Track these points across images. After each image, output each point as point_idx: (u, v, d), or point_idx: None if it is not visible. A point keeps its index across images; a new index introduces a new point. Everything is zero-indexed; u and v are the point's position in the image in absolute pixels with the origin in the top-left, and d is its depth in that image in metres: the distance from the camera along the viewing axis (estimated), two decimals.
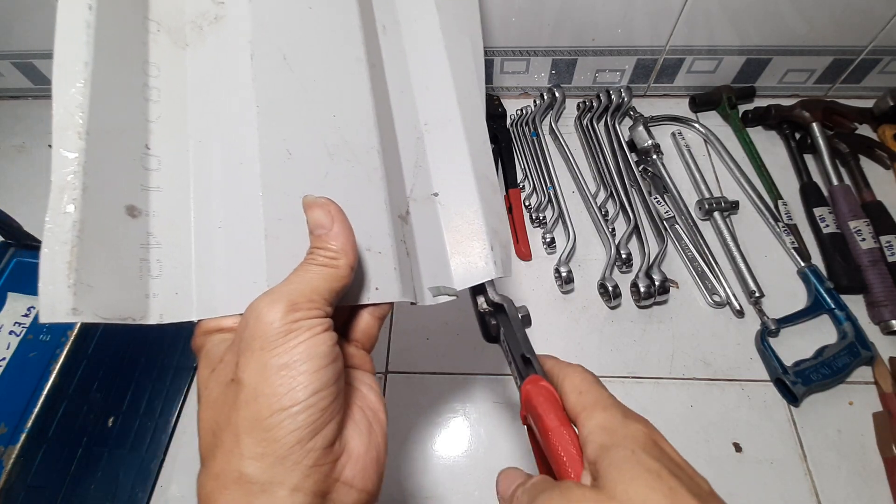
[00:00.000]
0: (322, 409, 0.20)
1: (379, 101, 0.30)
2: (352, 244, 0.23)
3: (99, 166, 0.23)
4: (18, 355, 0.38)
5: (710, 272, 0.58)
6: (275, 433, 0.19)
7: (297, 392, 0.19)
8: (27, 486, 0.35)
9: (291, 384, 0.19)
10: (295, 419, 0.19)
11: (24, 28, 0.71)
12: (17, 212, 0.42)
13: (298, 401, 0.19)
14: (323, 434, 0.20)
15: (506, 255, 0.32)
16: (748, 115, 0.71)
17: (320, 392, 0.20)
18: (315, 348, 0.20)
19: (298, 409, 0.19)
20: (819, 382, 0.50)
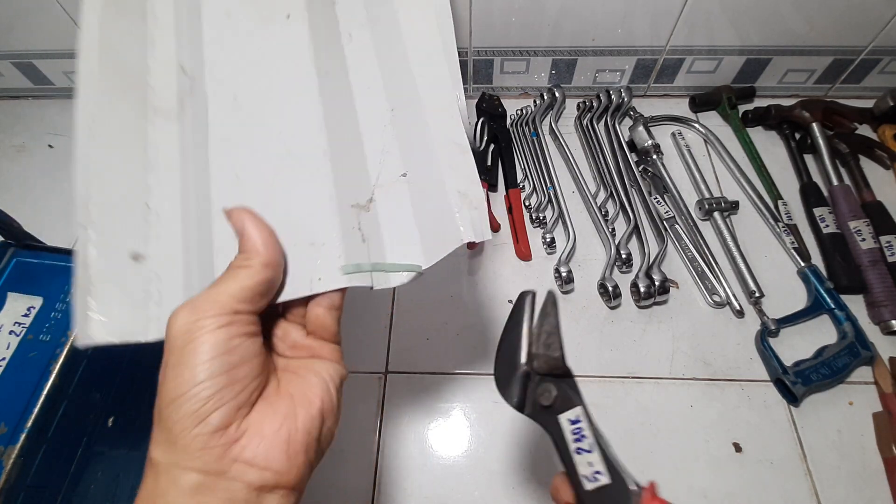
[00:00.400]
0: (205, 398, 0.22)
1: (331, 107, 0.33)
2: (265, 243, 0.25)
3: (110, 226, 0.30)
4: (18, 355, 0.38)
5: (710, 272, 0.58)
6: (166, 422, 0.22)
7: (180, 385, 0.22)
8: (27, 486, 0.35)
9: (178, 378, 0.22)
10: (178, 409, 0.22)
11: (24, 28, 0.71)
12: (17, 212, 0.42)
13: (180, 393, 0.22)
14: (208, 421, 0.22)
15: (478, 217, 0.29)
16: (748, 115, 0.71)
17: (204, 383, 0.22)
18: (205, 344, 0.22)
19: (181, 400, 0.22)
20: (819, 382, 0.50)
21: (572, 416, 0.25)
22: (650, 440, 0.50)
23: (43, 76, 0.78)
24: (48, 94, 0.81)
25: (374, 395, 0.53)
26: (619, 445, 0.49)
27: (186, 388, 0.22)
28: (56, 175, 0.73)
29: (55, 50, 0.74)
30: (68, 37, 0.71)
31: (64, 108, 0.81)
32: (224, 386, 0.22)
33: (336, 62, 0.35)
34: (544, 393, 0.25)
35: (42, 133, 0.78)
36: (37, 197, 0.70)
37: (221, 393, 0.22)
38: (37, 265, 0.42)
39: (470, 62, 0.72)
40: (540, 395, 0.25)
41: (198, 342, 0.22)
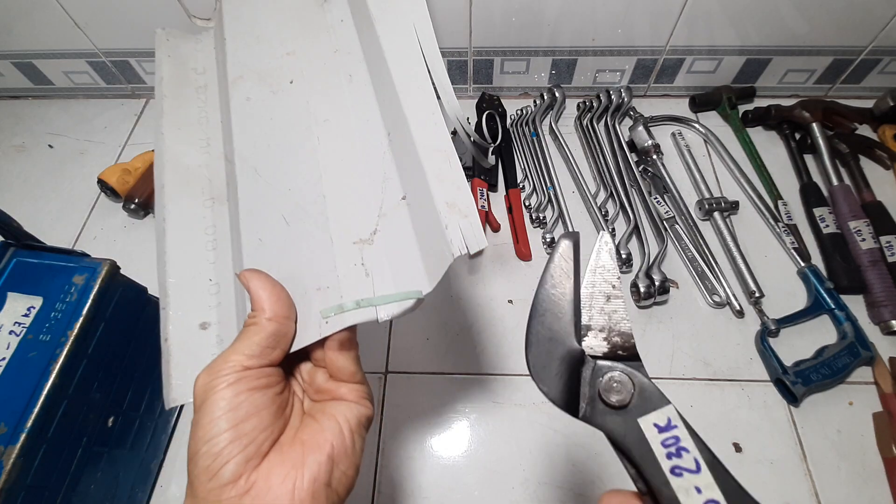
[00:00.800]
0: (214, 454, 0.23)
1: (330, 149, 0.36)
2: (269, 298, 0.28)
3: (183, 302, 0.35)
4: (18, 355, 0.38)
5: (710, 272, 0.58)
6: (189, 476, 0.24)
7: (196, 443, 0.24)
8: (27, 486, 0.35)
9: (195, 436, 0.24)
10: (196, 465, 0.24)
11: (25, 28, 0.71)
12: (17, 212, 0.42)
13: (196, 450, 0.24)
14: (219, 475, 0.23)
15: (468, 226, 0.27)
16: (748, 115, 0.71)
17: (213, 440, 0.24)
18: (214, 403, 0.24)
19: (197, 457, 0.24)
20: (819, 382, 0.50)
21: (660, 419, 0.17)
22: None
23: (43, 76, 0.78)
24: (48, 94, 0.81)
25: (375, 395, 0.53)
26: None
27: (200, 446, 0.24)
28: (56, 175, 0.73)
29: (55, 50, 0.74)
30: (68, 37, 0.71)
31: (64, 108, 0.81)
32: (231, 441, 0.24)
33: (336, 106, 0.38)
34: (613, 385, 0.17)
35: (42, 133, 0.78)
36: (37, 197, 0.70)
37: (229, 447, 0.24)
38: (37, 265, 0.42)
39: (470, 62, 0.72)
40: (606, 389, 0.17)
41: (209, 401, 0.24)
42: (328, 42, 0.41)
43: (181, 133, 0.41)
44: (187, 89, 0.43)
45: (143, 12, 0.68)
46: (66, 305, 0.40)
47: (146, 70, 0.76)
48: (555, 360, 0.18)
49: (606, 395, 0.17)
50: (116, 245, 0.65)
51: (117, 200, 0.68)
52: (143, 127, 0.78)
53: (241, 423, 0.24)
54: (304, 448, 0.26)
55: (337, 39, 0.41)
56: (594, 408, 0.18)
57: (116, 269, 0.44)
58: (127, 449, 0.46)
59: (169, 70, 0.43)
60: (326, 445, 0.26)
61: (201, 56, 0.45)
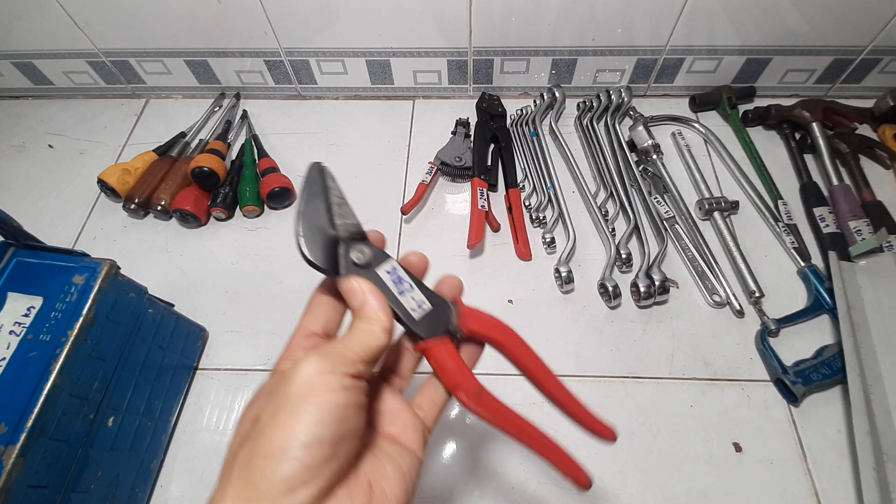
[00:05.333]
0: (304, 465, 0.20)
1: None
2: (384, 309, 0.26)
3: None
4: (18, 355, 0.38)
5: (710, 272, 0.58)
6: (255, 476, 0.20)
7: (286, 438, 0.20)
8: (27, 486, 0.35)
9: (286, 429, 0.20)
10: (275, 468, 0.20)
11: (25, 28, 0.71)
12: (17, 212, 0.42)
13: (282, 447, 0.20)
14: (296, 494, 0.20)
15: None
16: (748, 115, 0.71)
17: (308, 447, 0.20)
18: (324, 404, 0.21)
19: (281, 457, 0.20)
20: (819, 382, 0.50)
21: (388, 267, 0.28)
22: (650, 440, 0.50)
23: (43, 76, 0.78)
24: (48, 94, 0.81)
25: None
26: (619, 445, 0.49)
27: (289, 444, 0.20)
28: (56, 175, 0.73)
29: (55, 50, 0.74)
30: (68, 37, 0.71)
31: (64, 108, 0.81)
32: (326, 459, 0.21)
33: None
34: (358, 253, 0.27)
35: (42, 133, 0.78)
36: (37, 197, 0.70)
37: (320, 466, 0.20)
38: (37, 265, 0.42)
39: (470, 62, 0.72)
40: (354, 256, 0.27)
41: (317, 398, 0.21)
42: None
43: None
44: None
45: (143, 12, 0.68)
46: (66, 305, 0.40)
47: (146, 70, 0.76)
48: (323, 244, 0.26)
49: (356, 258, 0.27)
50: (116, 245, 0.65)
51: (117, 200, 0.68)
52: (143, 127, 0.78)
53: (341, 442, 0.21)
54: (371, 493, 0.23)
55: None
56: (349, 269, 0.27)
57: (116, 269, 0.44)
58: (127, 449, 0.46)
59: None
60: (393, 500, 0.24)
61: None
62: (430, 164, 0.68)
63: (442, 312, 0.28)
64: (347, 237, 0.27)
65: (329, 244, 0.26)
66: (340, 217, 0.27)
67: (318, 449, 0.20)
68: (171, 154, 0.70)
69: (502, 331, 0.30)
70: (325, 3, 0.65)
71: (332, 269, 0.26)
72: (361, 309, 0.26)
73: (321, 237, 0.26)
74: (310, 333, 0.27)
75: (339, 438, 0.21)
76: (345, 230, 0.27)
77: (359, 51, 0.71)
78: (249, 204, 0.65)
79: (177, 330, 0.52)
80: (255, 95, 0.79)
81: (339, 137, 0.74)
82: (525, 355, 0.30)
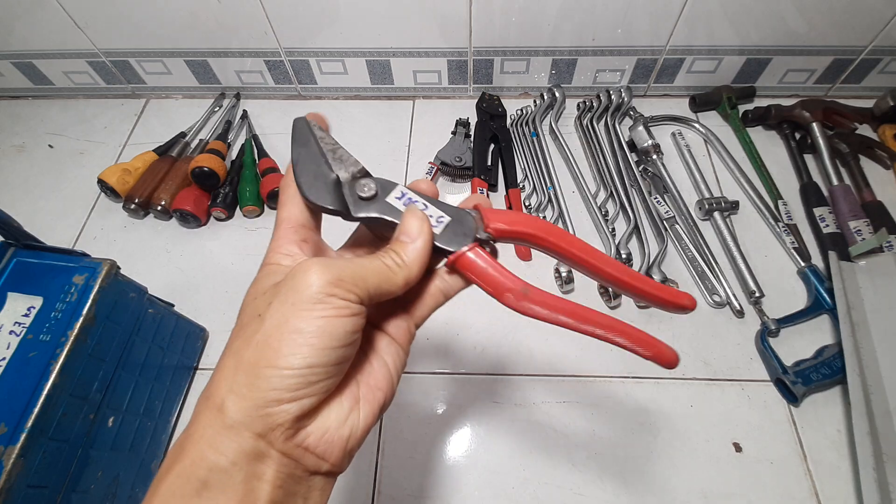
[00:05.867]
0: (309, 382, 0.21)
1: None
2: (420, 264, 0.24)
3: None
4: (18, 355, 0.38)
5: (710, 272, 0.58)
6: (261, 383, 0.20)
7: (295, 358, 0.20)
8: (27, 485, 0.35)
9: (294, 349, 0.20)
10: (282, 380, 0.20)
11: (25, 28, 0.71)
12: (17, 212, 0.42)
13: (293, 366, 0.20)
14: (300, 403, 0.21)
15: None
16: (748, 115, 0.71)
17: (315, 367, 0.21)
18: (332, 327, 0.21)
19: (290, 373, 0.20)
20: (819, 382, 0.50)
21: (397, 193, 0.26)
22: (650, 440, 0.50)
23: (43, 76, 0.78)
24: (48, 94, 0.81)
25: None
26: (619, 445, 0.49)
27: (295, 363, 0.20)
28: (56, 175, 0.73)
29: (55, 50, 0.74)
30: (68, 37, 0.71)
31: (64, 108, 0.81)
32: (330, 376, 0.21)
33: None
34: (364, 187, 0.25)
35: (42, 133, 0.78)
36: (37, 197, 0.70)
37: (325, 383, 0.21)
38: (37, 265, 0.42)
39: (470, 62, 0.72)
40: (360, 190, 0.25)
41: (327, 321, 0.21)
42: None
43: None
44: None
45: (143, 12, 0.68)
46: (66, 305, 0.40)
47: (146, 70, 0.76)
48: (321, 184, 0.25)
49: (361, 192, 0.25)
50: (116, 245, 0.65)
51: (117, 200, 0.68)
52: (143, 127, 0.78)
53: (345, 362, 0.22)
54: (359, 391, 0.24)
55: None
56: (357, 205, 0.25)
57: (116, 269, 0.44)
58: (127, 449, 0.46)
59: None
60: (380, 395, 0.24)
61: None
62: (430, 164, 0.68)
63: (464, 221, 0.26)
64: (349, 177, 0.26)
65: (332, 186, 0.26)
66: (337, 160, 0.26)
67: (322, 369, 0.21)
68: (171, 154, 0.70)
69: (534, 223, 0.27)
70: (325, 3, 0.65)
71: (342, 209, 0.25)
72: (403, 246, 0.24)
73: (321, 182, 0.25)
74: (297, 225, 0.25)
75: (344, 360, 0.22)
76: (345, 170, 0.26)
77: (359, 51, 0.71)
78: (249, 204, 0.65)
79: (177, 330, 0.52)
80: (255, 95, 0.79)
81: (339, 137, 0.73)
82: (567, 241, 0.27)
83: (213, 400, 0.21)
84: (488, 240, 0.27)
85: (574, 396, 0.52)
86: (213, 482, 0.20)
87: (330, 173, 0.26)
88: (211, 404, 0.21)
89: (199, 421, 0.21)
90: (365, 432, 0.23)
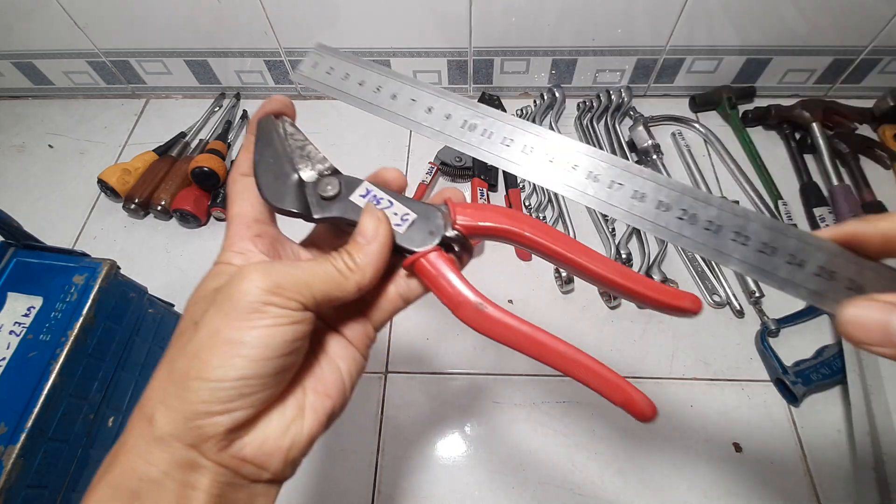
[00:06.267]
0: (242, 395, 0.20)
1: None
2: (375, 268, 0.23)
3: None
4: (18, 355, 0.38)
5: (710, 272, 0.58)
6: (190, 395, 0.19)
7: (227, 370, 0.19)
8: (27, 485, 0.35)
9: (227, 361, 0.19)
10: (212, 393, 0.19)
11: (25, 28, 0.71)
12: (17, 212, 0.42)
13: (223, 378, 0.19)
14: (231, 416, 0.20)
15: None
16: (748, 115, 0.71)
17: (249, 379, 0.20)
18: (269, 338, 0.20)
19: (219, 385, 0.19)
20: (819, 382, 0.50)
21: (362, 191, 0.24)
22: (650, 440, 0.50)
23: (43, 76, 0.78)
24: (48, 94, 0.81)
25: (374, 395, 0.53)
26: (619, 445, 0.49)
27: (226, 375, 0.19)
28: (56, 175, 0.73)
29: (55, 50, 0.74)
30: (68, 37, 0.71)
31: (64, 108, 0.81)
32: (267, 387, 0.20)
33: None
34: (327, 186, 0.24)
35: (42, 133, 0.78)
36: (37, 197, 0.70)
37: (261, 395, 0.20)
38: (37, 265, 0.42)
39: (470, 62, 0.72)
40: (322, 190, 0.24)
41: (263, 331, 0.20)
42: None
43: None
44: None
45: (143, 12, 0.68)
46: (66, 305, 0.40)
47: (146, 70, 0.76)
48: (283, 188, 0.24)
49: (324, 192, 0.24)
50: (116, 245, 0.65)
51: (117, 200, 0.68)
52: (143, 127, 0.78)
53: (285, 371, 0.21)
54: (305, 399, 0.22)
55: None
56: (321, 205, 0.24)
57: (116, 269, 0.44)
58: None
59: None
60: (328, 403, 0.23)
61: None
62: (430, 164, 0.68)
63: (432, 218, 0.24)
64: (316, 175, 0.25)
65: (294, 187, 0.24)
66: (305, 158, 0.25)
67: (257, 381, 0.20)
68: (171, 154, 0.70)
69: (506, 216, 0.24)
70: (325, 3, 0.65)
71: (304, 211, 0.24)
72: (358, 248, 0.23)
73: (282, 182, 0.24)
74: (249, 220, 0.24)
75: (283, 369, 0.21)
76: (311, 169, 0.25)
77: (359, 51, 0.71)
78: None
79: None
80: (256, 95, 0.79)
81: (338, 138, 0.74)
82: (547, 236, 0.24)
83: (144, 411, 0.20)
84: (458, 238, 0.25)
85: (574, 396, 0.52)
86: (143, 492, 0.19)
87: (293, 173, 0.25)
88: (142, 415, 0.20)
89: (131, 432, 0.20)
90: (309, 442, 0.22)
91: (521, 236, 0.24)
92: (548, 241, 0.24)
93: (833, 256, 0.20)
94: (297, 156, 0.25)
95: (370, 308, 0.26)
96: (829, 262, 0.20)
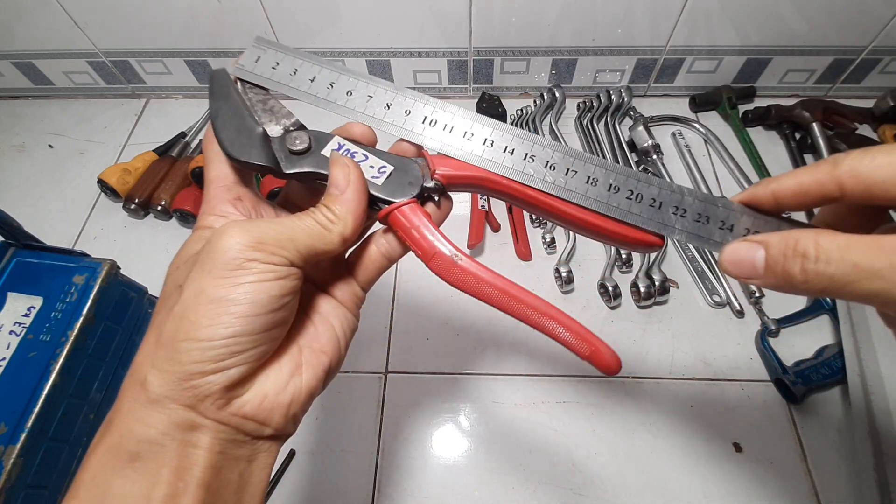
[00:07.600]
0: (234, 352, 0.20)
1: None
2: (355, 216, 0.23)
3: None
4: (18, 355, 0.38)
5: (710, 272, 0.58)
6: (180, 356, 0.19)
7: (216, 329, 0.19)
8: (27, 486, 0.35)
9: (215, 320, 0.19)
10: (203, 353, 0.19)
11: (25, 28, 0.71)
12: (17, 212, 0.42)
13: (213, 337, 0.19)
14: (226, 374, 0.20)
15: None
16: (748, 115, 0.71)
17: (240, 337, 0.20)
18: (255, 294, 0.20)
19: (209, 344, 0.19)
20: (819, 382, 0.50)
21: (334, 145, 0.24)
22: (650, 440, 0.50)
23: (43, 76, 0.78)
24: (48, 94, 0.81)
25: (375, 395, 0.53)
26: (619, 445, 0.49)
27: (215, 333, 0.19)
28: (56, 175, 0.73)
29: (55, 50, 0.74)
30: (68, 37, 0.71)
31: (64, 108, 0.81)
32: (260, 343, 0.20)
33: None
34: (296, 140, 0.23)
35: (42, 133, 0.78)
36: (37, 197, 0.70)
37: (254, 351, 0.20)
38: (37, 265, 0.42)
39: (470, 62, 0.72)
40: (291, 144, 0.23)
41: (249, 287, 0.19)
42: None
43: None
44: None
45: (143, 12, 0.68)
46: (66, 305, 0.40)
47: (146, 70, 0.76)
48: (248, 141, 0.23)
49: (293, 146, 0.24)
50: (116, 245, 0.65)
51: (117, 200, 0.68)
52: (143, 127, 0.78)
53: (275, 328, 0.21)
54: (301, 356, 0.23)
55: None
56: (290, 160, 0.24)
57: (116, 269, 0.44)
58: None
59: None
60: (325, 359, 0.23)
61: None
62: None
63: (410, 170, 0.24)
64: (281, 130, 0.24)
65: (259, 140, 0.23)
66: (268, 112, 0.24)
67: (248, 338, 0.20)
68: (171, 154, 0.70)
69: (482, 168, 0.25)
70: (325, 3, 0.65)
71: (272, 164, 0.23)
72: (333, 199, 0.23)
73: (245, 136, 0.23)
74: (228, 183, 0.24)
75: (274, 325, 0.21)
76: (276, 123, 0.24)
77: (359, 51, 0.71)
78: None
79: None
80: None
81: None
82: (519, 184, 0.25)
83: (136, 376, 0.20)
84: (437, 188, 0.24)
85: (574, 396, 0.52)
86: (144, 453, 0.19)
87: (256, 127, 0.24)
88: (134, 380, 0.20)
89: (125, 398, 0.20)
90: (309, 397, 0.23)
91: (499, 183, 0.25)
92: (523, 187, 0.25)
93: (755, 219, 0.23)
94: (260, 110, 0.25)
95: (355, 268, 0.26)
96: (753, 224, 0.23)
